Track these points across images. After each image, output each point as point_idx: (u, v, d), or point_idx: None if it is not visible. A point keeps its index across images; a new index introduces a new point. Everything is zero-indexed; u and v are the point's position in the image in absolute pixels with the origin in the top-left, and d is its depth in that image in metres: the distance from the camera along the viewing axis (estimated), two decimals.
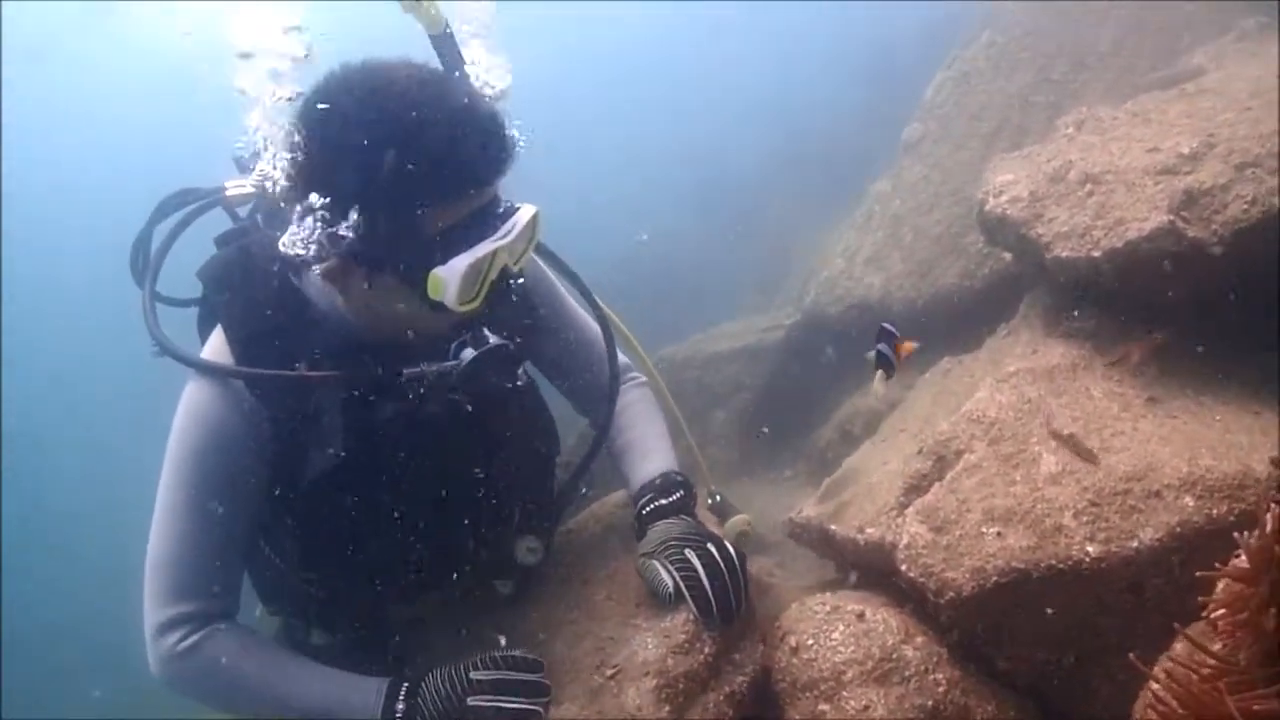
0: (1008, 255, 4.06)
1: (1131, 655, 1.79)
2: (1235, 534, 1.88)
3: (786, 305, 6.41)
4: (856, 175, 6.41)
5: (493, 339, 2.24)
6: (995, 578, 2.27)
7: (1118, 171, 2.96)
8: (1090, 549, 2.25)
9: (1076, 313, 3.12)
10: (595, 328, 2.82)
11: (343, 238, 2.05)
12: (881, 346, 2.72)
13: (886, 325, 2.76)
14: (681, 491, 2.61)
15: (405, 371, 2.23)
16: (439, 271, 2.06)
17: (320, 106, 2.04)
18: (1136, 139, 3.12)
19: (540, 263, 2.76)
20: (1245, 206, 2.72)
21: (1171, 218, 2.74)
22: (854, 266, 5.20)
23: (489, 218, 2.14)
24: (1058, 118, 4.48)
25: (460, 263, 2.06)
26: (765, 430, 5.50)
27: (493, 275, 2.16)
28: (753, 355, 5.80)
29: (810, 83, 10.39)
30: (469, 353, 2.22)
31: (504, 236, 2.14)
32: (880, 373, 2.71)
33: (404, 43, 2.22)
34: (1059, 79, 4.91)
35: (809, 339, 5.57)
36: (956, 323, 4.53)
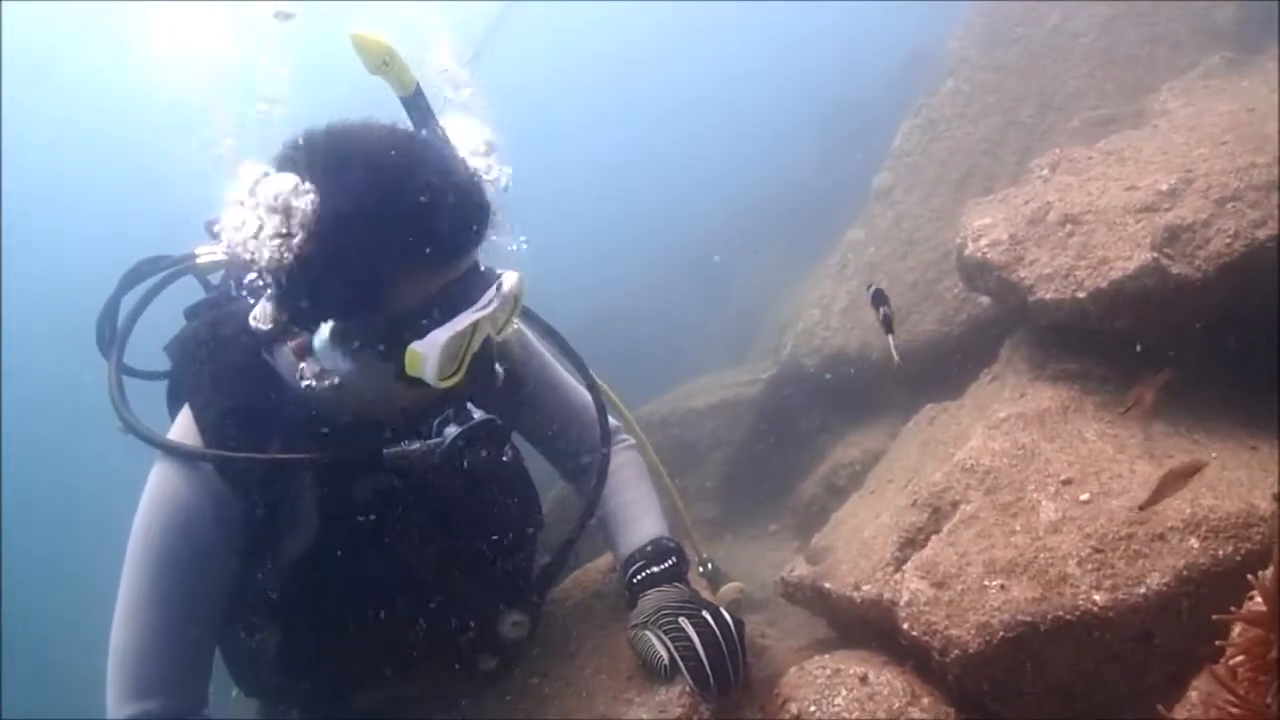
0: (984, 300, 4.03)
1: (1159, 707, 1.73)
2: (1249, 576, 1.83)
3: (763, 358, 6.35)
4: (826, 224, 6.39)
5: (477, 414, 2.14)
6: (1001, 632, 2.20)
7: (1097, 211, 2.94)
8: (1097, 598, 2.18)
9: (1062, 355, 3.08)
10: (583, 393, 2.73)
11: (313, 314, 1.96)
12: (885, 309, 2.77)
13: (879, 286, 2.82)
14: (674, 558, 2.51)
15: (385, 451, 2.12)
16: (416, 346, 1.95)
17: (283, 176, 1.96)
18: (1113, 178, 3.11)
19: (524, 328, 2.67)
20: (1228, 240, 2.71)
21: (1155, 255, 2.71)
22: (830, 316, 5.15)
23: (468, 287, 2.03)
24: (1028, 160, 4.49)
25: (439, 336, 1.95)
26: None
27: (474, 347, 2.06)
28: (731, 410, 5.71)
29: (776, 132, 10.46)
30: (452, 430, 2.11)
31: (485, 306, 2.03)
32: (891, 337, 2.76)
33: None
34: (1026, 122, 4.92)
35: (788, 391, 5.50)
36: (936, 369, 4.49)
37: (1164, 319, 2.82)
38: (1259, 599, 1.85)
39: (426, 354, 1.94)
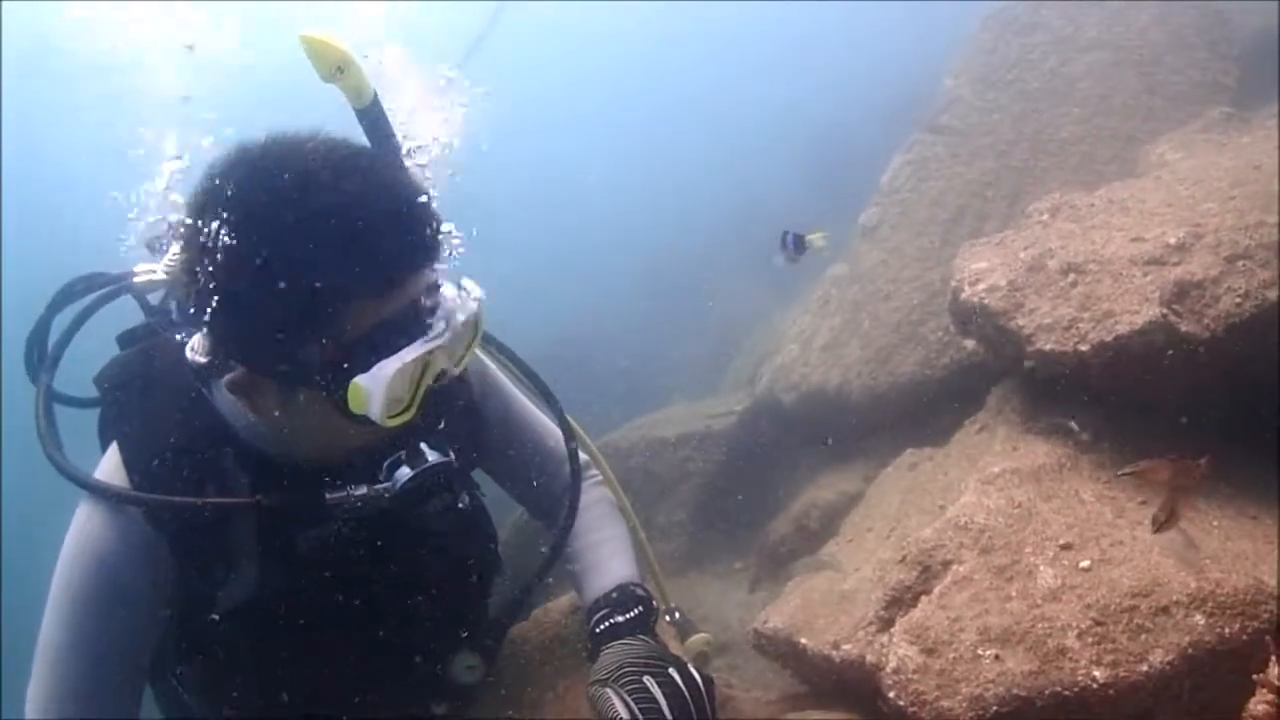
0: (969, 344, 3.92)
1: None
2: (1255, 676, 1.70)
3: (736, 390, 6.22)
4: (806, 257, 6.27)
5: (431, 456, 1.95)
6: (995, 707, 2.05)
7: (1102, 261, 2.82)
8: (1097, 673, 2.05)
9: (1054, 408, 2.96)
10: (550, 425, 2.56)
11: (245, 345, 1.78)
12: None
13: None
14: (640, 607, 2.33)
15: (329, 496, 1.94)
16: (360, 380, 1.74)
17: (210, 190, 1.77)
18: (1117, 227, 3.00)
19: (484, 357, 2.50)
20: (1238, 300, 2.61)
21: (1164, 311, 2.60)
22: (809, 353, 5.02)
23: (419, 314, 1.83)
24: (1019, 204, 4.41)
25: (385, 369, 1.75)
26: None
27: (427, 381, 1.87)
28: (701, 442, 5.54)
29: (757, 160, 10.39)
30: (404, 472, 1.92)
31: (438, 336, 1.84)
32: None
33: None
34: (1019, 165, 4.83)
35: (762, 426, 5.36)
36: (915, 413, 4.38)
37: (1165, 377, 2.71)
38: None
39: (371, 389, 1.75)
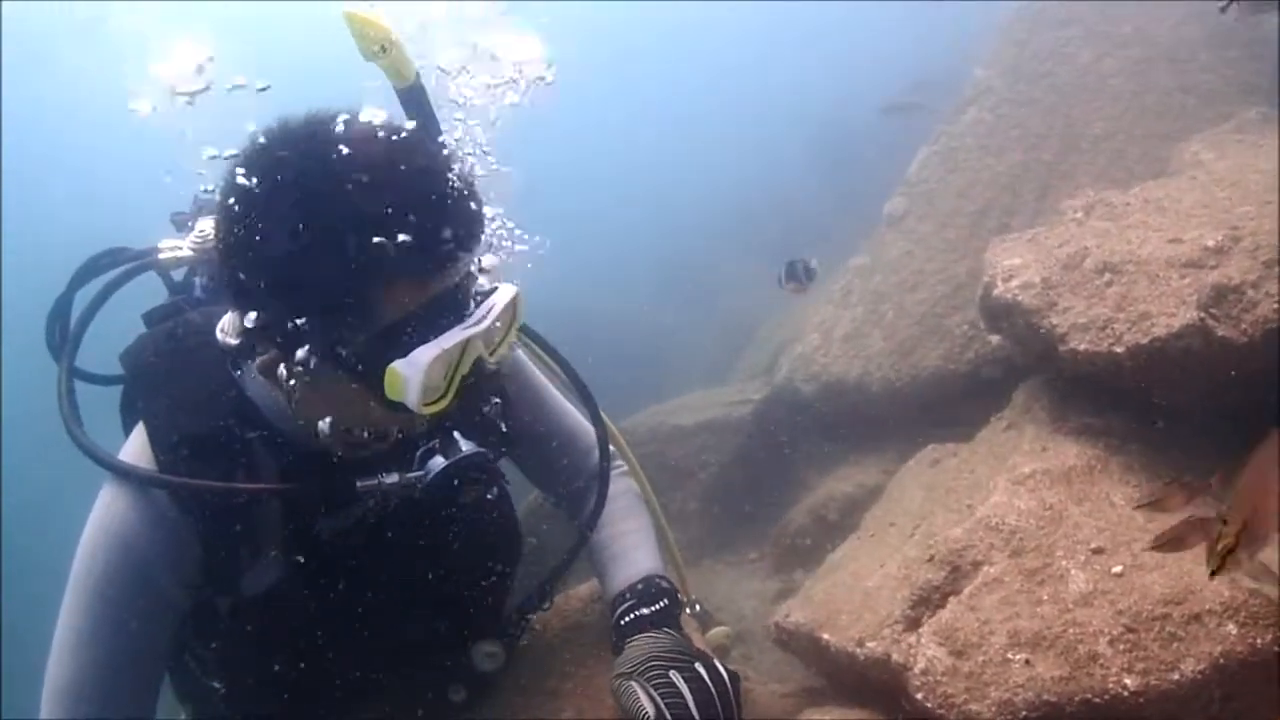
0: (994, 339, 3.89)
1: None
2: None
3: (753, 378, 6.19)
4: (821, 245, 6.24)
5: (465, 446, 1.93)
6: (1024, 712, 2.04)
7: (1139, 262, 2.78)
8: (1128, 681, 2.03)
9: (1083, 408, 2.93)
10: (578, 417, 2.53)
11: (279, 326, 1.75)
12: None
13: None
14: (666, 600, 2.31)
15: (360, 484, 1.91)
16: (398, 366, 1.72)
17: (246, 167, 1.73)
18: (1154, 228, 2.95)
19: (518, 349, 2.47)
20: (1276, 305, 2.56)
21: (1201, 315, 2.56)
22: (830, 343, 4.99)
23: (458, 301, 1.81)
24: (1047, 199, 4.37)
25: (423, 356, 1.72)
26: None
27: (464, 369, 1.84)
28: (718, 430, 5.51)
29: (770, 150, 10.34)
30: (438, 461, 1.91)
31: (477, 323, 1.81)
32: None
33: None
34: (1049, 160, 4.78)
35: (780, 416, 5.33)
36: (936, 406, 4.35)
37: (1197, 382, 2.67)
38: None
39: (409, 375, 1.72)
